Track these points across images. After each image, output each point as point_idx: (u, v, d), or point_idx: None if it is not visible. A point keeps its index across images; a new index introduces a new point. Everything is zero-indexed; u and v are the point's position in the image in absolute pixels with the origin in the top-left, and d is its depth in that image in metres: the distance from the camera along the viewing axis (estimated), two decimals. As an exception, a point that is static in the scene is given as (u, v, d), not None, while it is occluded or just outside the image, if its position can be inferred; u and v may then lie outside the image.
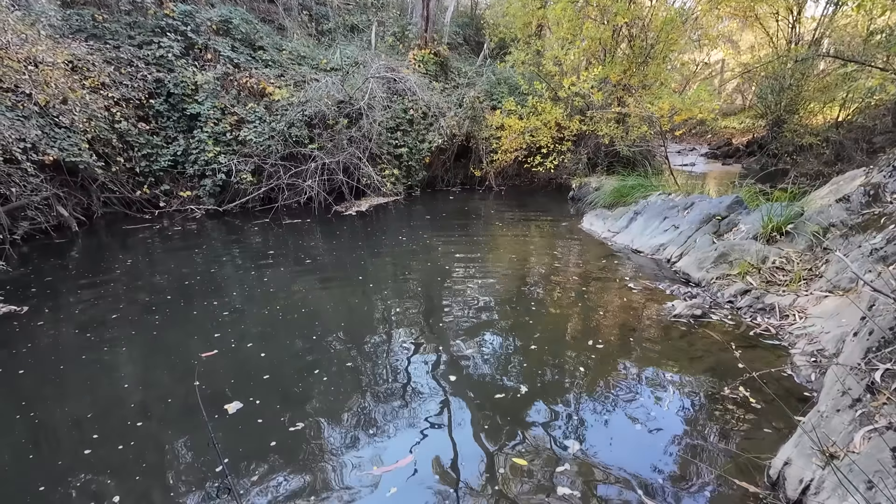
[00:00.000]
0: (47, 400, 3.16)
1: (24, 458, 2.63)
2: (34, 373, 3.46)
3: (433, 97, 10.48)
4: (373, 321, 4.45)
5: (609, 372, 3.49)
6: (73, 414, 3.00)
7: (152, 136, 8.46)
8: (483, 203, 10.29)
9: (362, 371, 3.55)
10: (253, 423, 2.89)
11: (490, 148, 11.08)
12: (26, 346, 3.84)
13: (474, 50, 15.20)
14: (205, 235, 7.52)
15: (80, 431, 2.81)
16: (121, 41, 8.20)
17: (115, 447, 2.67)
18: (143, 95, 8.16)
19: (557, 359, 3.70)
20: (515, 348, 3.90)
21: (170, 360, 3.72)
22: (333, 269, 6.09)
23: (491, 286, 5.30)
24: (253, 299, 4.90)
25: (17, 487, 2.40)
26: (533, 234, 7.68)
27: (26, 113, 6.34)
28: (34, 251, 6.34)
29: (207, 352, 3.69)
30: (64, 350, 3.82)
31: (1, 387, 3.28)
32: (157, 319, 4.40)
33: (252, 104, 8.89)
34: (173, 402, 3.13)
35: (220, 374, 3.41)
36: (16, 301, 4.65)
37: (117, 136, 7.87)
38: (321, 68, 10.27)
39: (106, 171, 7.72)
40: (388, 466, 2.56)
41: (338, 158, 9.02)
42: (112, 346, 3.92)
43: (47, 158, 6.42)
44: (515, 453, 2.68)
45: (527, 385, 3.33)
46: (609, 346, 3.85)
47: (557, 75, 10.51)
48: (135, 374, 3.54)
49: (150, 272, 5.78)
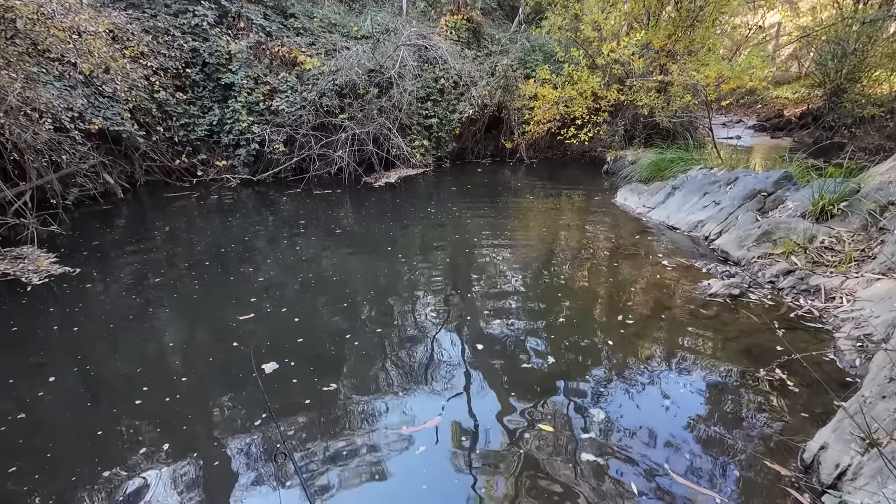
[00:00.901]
0: (100, 355, 3.39)
1: (83, 405, 2.86)
2: (87, 330, 3.71)
3: (465, 65, 10.20)
4: (401, 290, 4.51)
5: (638, 348, 3.44)
6: (124, 368, 3.22)
7: (189, 105, 8.64)
8: (513, 176, 10.11)
9: (390, 337, 3.63)
10: (288, 382, 3.03)
11: (522, 119, 10.77)
12: (78, 305, 4.11)
13: (508, 15, 14.60)
14: (240, 204, 7.74)
15: (130, 384, 3.01)
16: (157, 9, 8.30)
17: (163, 399, 2.86)
18: (180, 65, 8.30)
19: (585, 332, 3.68)
20: (543, 321, 3.89)
21: (209, 322, 3.91)
22: (363, 239, 6.17)
23: (519, 259, 5.26)
24: (286, 266, 5.05)
25: (78, 431, 2.62)
26: (564, 208, 7.52)
27: (72, 83, 6.57)
28: (84, 216, 6.70)
29: (244, 315, 3.86)
30: (112, 310, 4.07)
31: (59, 342, 3.54)
32: (197, 284, 4.60)
33: (284, 73, 8.91)
34: (214, 361, 3.30)
35: (257, 336, 3.56)
36: (69, 262, 4.95)
37: (157, 105, 8.08)
38: (352, 36, 10.14)
39: (147, 141, 7.98)
40: (417, 427, 2.64)
41: (368, 129, 8.99)
42: (156, 307, 4.14)
43: (93, 127, 6.68)
44: (541, 420, 2.71)
45: (553, 357, 3.33)
46: (639, 323, 3.78)
47: (596, 41, 10.00)
48: (178, 334, 3.75)
49: (188, 239, 6.02)
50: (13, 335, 3.61)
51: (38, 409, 2.78)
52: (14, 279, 4.51)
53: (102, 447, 2.50)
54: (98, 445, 2.51)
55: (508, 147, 11.20)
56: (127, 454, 2.45)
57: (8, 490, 2.22)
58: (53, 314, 3.93)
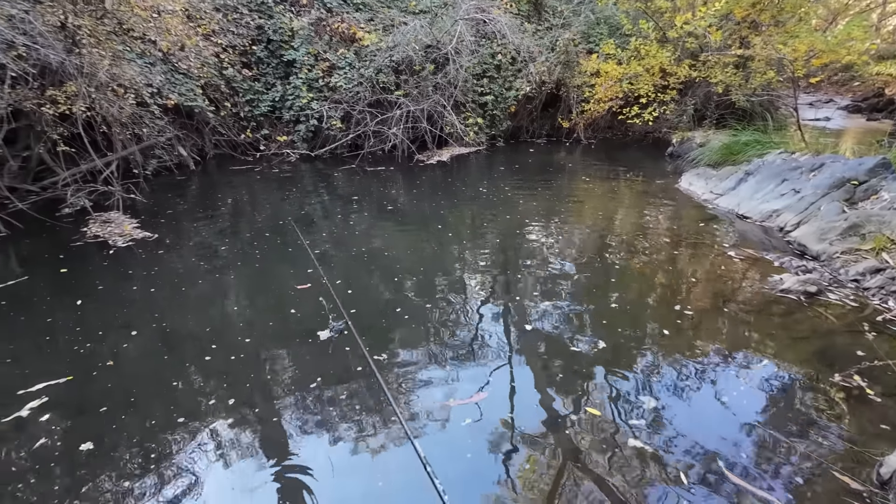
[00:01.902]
0: (174, 314, 3.70)
1: (161, 358, 3.15)
2: (163, 291, 4.06)
3: (524, 40, 9.84)
4: (450, 268, 4.54)
5: (696, 340, 3.28)
6: (194, 327, 3.50)
7: (254, 82, 8.99)
8: (570, 156, 9.75)
9: (438, 313, 3.69)
10: (341, 349, 3.17)
11: (581, 97, 10.30)
12: (154, 268, 4.48)
13: (573, -14, 13.84)
14: (297, 178, 8.04)
15: (201, 342, 3.28)
16: (227, -12, 8.61)
17: (229, 357, 3.09)
18: (247, 42, 8.62)
19: (639, 320, 3.54)
20: (593, 305, 3.79)
21: (269, 289, 4.14)
22: (414, 216, 6.24)
23: (571, 242, 5.12)
24: (339, 240, 5.22)
25: (157, 381, 2.90)
26: (622, 192, 7.18)
27: (152, 60, 7.03)
28: (161, 186, 7.24)
29: (302, 284, 4.05)
30: (184, 273, 4.41)
31: (140, 301, 3.90)
32: (258, 252, 4.87)
33: (343, 50, 9.02)
34: (273, 325, 3.51)
35: (313, 305, 3.73)
36: (148, 228, 5.40)
37: (225, 81, 8.48)
38: (410, 11, 10.04)
39: (216, 115, 8.42)
40: (463, 400, 2.69)
41: (422, 106, 8.97)
42: (222, 273, 4.44)
43: (169, 102, 7.14)
44: (588, 402, 2.68)
45: (604, 342, 3.25)
46: (699, 315, 3.58)
47: (669, 12, 9.28)
48: (242, 299, 4.01)
49: (251, 210, 6.36)
50: (100, 292, 4.01)
51: (123, 359, 3.10)
52: (102, 241, 4.98)
53: (177, 397, 2.75)
54: (174, 395, 2.77)
55: (565, 126, 10.78)
56: (197, 405, 2.69)
57: (101, 428, 2.50)
58: (133, 275, 4.32)
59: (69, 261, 4.53)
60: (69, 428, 2.49)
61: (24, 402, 2.63)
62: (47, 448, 2.35)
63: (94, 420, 2.55)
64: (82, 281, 4.18)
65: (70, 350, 3.16)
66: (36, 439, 2.40)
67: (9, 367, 3.00)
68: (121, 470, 2.26)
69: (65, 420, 2.54)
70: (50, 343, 3.25)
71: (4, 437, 2.42)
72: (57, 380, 2.83)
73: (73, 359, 3.06)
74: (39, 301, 3.81)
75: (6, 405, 2.62)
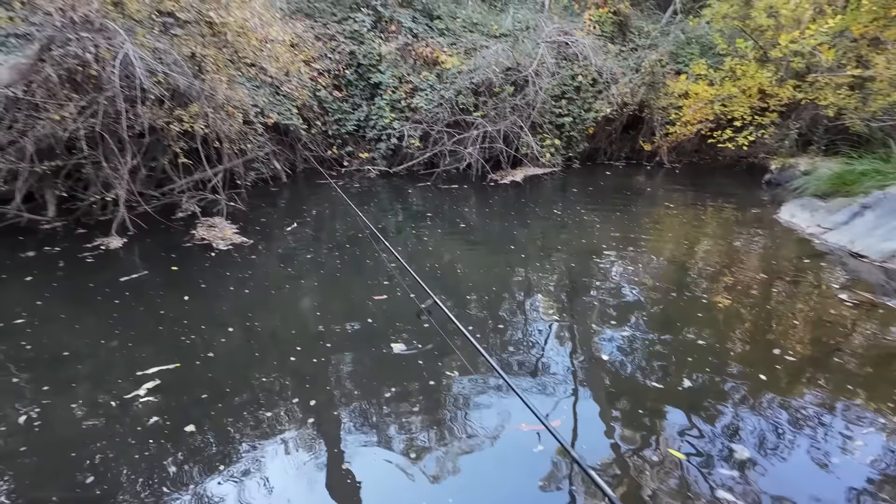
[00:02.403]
0: (264, 315, 4.03)
1: (252, 355, 3.44)
2: (255, 293, 4.43)
3: (606, 61, 9.66)
4: (520, 289, 4.51)
5: (797, 389, 2.95)
6: (281, 329, 3.79)
7: (343, 102, 9.67)
8: (651, 180, 9.32)
9: (507, 333, 3.67)
10: (414, 363, 3.25)
11: (666, 119, 9.82)
12: (248, 271, 4.90)
13: (661, 5, 13.39)
14: (375, 193, 8.45)
15: (286, 343, 3.54)
16: (327, 19, 9.42)
17: (311, 360, 3.30)
18: (341, 67, 9.32)
19: (728, 360, 3.26)
20: (674, 340, 3.56)
21: (348, 298, 4.37)
22: (484, 235, 6.28)
23: (649, 270, 4.87)
24: (412, 255, 5.39)
25: (248, 376, 3.16)
26: (709, 220, 6.71)
27: (258, 83, 7.83)
28: (257, 196, 7.96)
29: (378, 295, 4.23)
30: (272, 278, 4.79)
31: (235, 301, 4.29)
32: (338, 262, 5.17)
33: (425, 73, 9.43)
34: (352, 333, 3.69)
35: (388, 316, 3.88)
36: (245, 234, 5.94)
37: (318, 102, 9.21)
38: (491, 34, 10.29)
39: (307, 133, 9.15)
40: (536, 426, 2.64)
41: (499, 127, 9.07)
42: (306, 279, 4.77)
43: (269, 121, 7.89)
44: (667, 443, 2.50)
45: (687, 380, 3.03)
46: (801, 362, 3.23)
47: (771, 30, 8.63)
48: (323, 305, 4.27)
49: (332, 222, 6.79)
50: (202, 290, 4.46)
51: (221, 352, 3.42)
52: (207, 243, 5.57)
53: (264, 393, 2.98)
54: (262, 391, 3.00)
55: (647, 149, 10.33)
56: (282, 403, 2.89)
57: (199, 414, 2.78)
58: (230, 277, 4.76)
59: (179, 260, 5.11)
60: (175, 410, 2.79)
61: (141, 383, 3.00)
62: (159, 426, 2.64)
63: (195, 405, 2.84)
64: (189, 279, 4.69)
65: (178, 340, 3.55)
66: (150, 417, 2.71)
67: (129, 351, 3.44)
68: (213, 452, 2.48)
69: (172, 402, 2.85)
70: (161, 332, 3.68)
71: (126, 412, 2.77)
72: (167, 366, 3.19)
73: (179, 348, 3.44)
74: (154, 294, 4.34)
75: (128, 383, 3.00)
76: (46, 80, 4.78)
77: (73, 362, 3.26)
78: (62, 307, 4.02)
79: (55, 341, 3.49)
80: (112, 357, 3.35)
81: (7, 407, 2.78)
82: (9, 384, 3.01)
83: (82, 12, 4.41)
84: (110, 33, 4.61)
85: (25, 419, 2.68)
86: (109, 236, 5.41)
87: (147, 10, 4.98)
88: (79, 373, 3.16)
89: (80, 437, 2.57)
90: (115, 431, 2.61)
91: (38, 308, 3.95)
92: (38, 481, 2.32)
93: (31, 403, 2.80)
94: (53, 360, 3.26)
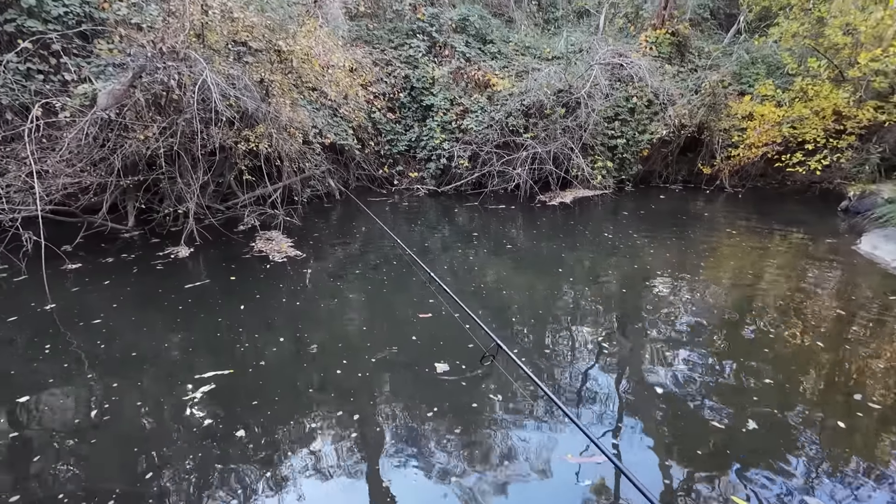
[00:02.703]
0: (313, 327, 4.16)
1: (298, 365, 3.54)
2: (305, 305, 4.59)
3: (663, 83, 9.40)
4: (569, 314, 4.37)
5: (883, 441, 2.63)
6: (329, 342, 3.88)
7: (395, 124, 10.01)
8: (710, 205, 8.85)
9: (554, 360, 3.55)
10: (457, 384, 3.22)
11: (728, 141, 9.37)
12: (300, 284, 5.10)
13: (723, 25, 12.94)
14: (423, 212, 8.59)
15: (333, 356, 3.62)
16: (384, 45, 9.87)
17: (356, 374, 3.35)
18: (395, 90, 9.69)
19: (799, 403, 2.98)
20: (734, 377, 3.29)
21: (394, 314, 4.42)
22: (532, 256, 6.19)
23: (706, 300, 4.58)
24: (458, 274, 5.39)
25: (296, 386, 3.26)
26: (776, 249, 6.25)
27: (318, 106, 8.29)
28: (311, 212, 8.34)
29: (423, 314, 4.25)
30: (322, 291, 4.94)
31: (287, 312, 4.46)
32: (385, 279, 5.26)
33: (476, 95, 9.60)
34: (397, 351, 3.72)
35: (432, 335, 3.88)
36: (299, 248, 6.21)
37: (372, 123, 9.59)
38: (543, 57, 10.34)
39: (361, 153, 9.52)
40: (583, 458, 2.52)
41: (549, 148, 9.02)
42: (353, 294, 4.88)
43: (326, 141, 8.29)
44: (731, 490, 2.30)
45: (752, 421, 2.78)
46: (887, 410, 2.88)
47: (848, 48, 8.09)
48: (369, 320, 4.34)
49: (380, 239, 6.94)
50: (257, 300, 4.68)
51: (272, 361, 3.55)
52: (264, 255, 5.86)
53: (311, 404, 3.06)
54: (309, 401, 3.08)
55: (706, 173, 9.86)
56: (328, 416, 2.95)
57: (249, 419, 2.88)
58: (283, 288, 4.96)
59: (238, 270, 5.40)
60: (228, 414, 2.91)
61: (199, 386, 3.16)
62: (212, 429, 2.77)
63: (246, 411, 2.95)
64: (246, 288, 4.94)
65: (233, 347, 3.73)
66: (204, 419, 2.85)
67: (189, 354, 3.65)
68: (260, 458, 2.56)
69: (225, 407, 2.98)
70: (219, 338, 3.88)
71: (183, 413, 2.93)
72: (222, 371, 3.35)
73: (234, 355, 3.61)
74: (213, 302, 4.60)
75: (187, 385, 3.17)
76: (135, 103, 5.32)
77: (140, 362, 3.50)
78: (133, 310, 4.35)
79: (126, 342, 3.77)
80: (174, 359, 3.57)
81: (82, 402, 3.03)
82: (85, 380, 3.27)
83: (170, 44, 4.89)
84: (192, 62, 5.07)
85: (96, 413, 2.90)
86: (179, 246, 5.84)
87: (224, 40, 5.44)
88: (144, 373, 3.39)
89: (141, 434, 2.74)
90: (173, 431, 2.76)
91: (113, 310, 4.30)
92: (103, 474, 2.49)
93: (102, 399, 3.03)
94: (123, 360, 3.52)
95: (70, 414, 2.92)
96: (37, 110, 4.92)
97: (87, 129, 5.10)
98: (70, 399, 3.08)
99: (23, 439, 2.71)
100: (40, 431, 2.79)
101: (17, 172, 5.04)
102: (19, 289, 4.71)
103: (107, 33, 5.90)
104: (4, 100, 5.63)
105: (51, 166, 5.16)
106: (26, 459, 2.55)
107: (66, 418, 2.88)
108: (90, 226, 5.89)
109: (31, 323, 4.05)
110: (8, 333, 3.91)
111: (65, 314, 4.20)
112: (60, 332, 3.90)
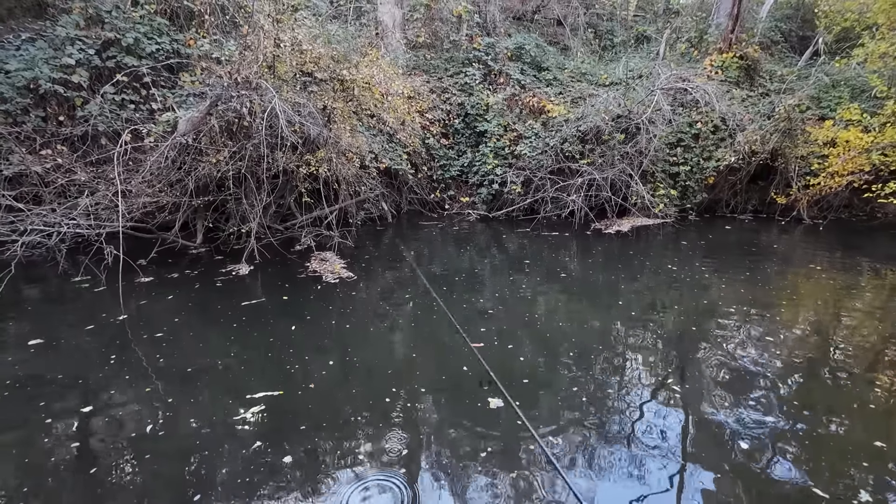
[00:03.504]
0: (363, 351, 4.11)
1: (347, 390, 3.48)
2: (354, 328, 4.57)
3: (731, 108, 8.91)
4: (621, 347, 4.08)
5: None
6: (379, 367, 3.81)
7: (449, 149, 10.13)
8: (786, 238, 8.13)
9: (612, 398, 3.26)
10: (511, 422, 3.02)
11: (807, 169, 8.65)
12: (350, 306, 5.10)
13: (796, 48, 12.21)
14: (474, 237, 8.50)
15: (382, 382, 3.53)
16: (441, 73, 10.12)
17: (406, 403, 3.23)
18: (450, 116, 9.85)
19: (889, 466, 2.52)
20: (808, 428, 2.87)
21: (444, 341, 4.29)
22: (586, 286, 5.89)
23: (778, 343, 4.09)
24: (508, 302, 5.20)
25: (345, 412, 3.19)
26: (867, 288, 5.56)
27: (375, 132, 8.56)
28: (364, 234, 8.50)
29: (475, 343, 4.10)
30: (371, 314, 4.92)
31: (335, 335, 4.46)
32: (434, 304, 5.16)
33: (531, 121, 9.54)
34: (447, 380, 3.58)
35: (485, 366, 3.71)
36: (351, 269, 6.29)
37: (426, 149, 9.75)
38: (600, 84, 10.16)
39: (414, 177, 9.68)
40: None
41: (606, 174, 8.72)
42: (403, 317, 4.83)
43: (381, 165, 8.50)
44: None
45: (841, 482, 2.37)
46: None
47: (950, 68, 7.30)
48: (419, 346, 4.25)
49: (430, 263, 6.90)
50: (307, 321, 4.72)
51: (321, 384, 3.52)
52: (318, 276, 5.98)
53: (360, 432, 2.96)
54: (358, 430, 2.99)
55: (781, 202, 9.12)
56: (375, 445, 2.84)
57: (299, 445, 2.83)
58: (333, 310, 4.99)
59: (292, 290, 5.52)
60: (276, 437, 2.88)
61: (249, 406, 3.17)
62: (260, 451, 2.74)
63: (294, 435, 2.90)
64: (298, 309, 5.01)
65: (283, 367, 3.74)
66: (254, 441, 2.83)
67: (241, 373, 3.70)
68: (306, 484, 2.48)
69: (274, 431, 2.96)
70: (270, 358, 3.92)
71: (234, 432, 2.93)
72: (272, 392, 3.35)
73: (284, 376, 3.61)
74: (266, 321, 4.68)
75: (238, 404, 3.19)
76: (210, 129, 5.70)
77: (195, 378, 3.59)
78: (193, 326, 4.53)
79: (183, 357, 3.89)
80: (227, 377, 3.63)
81: (139, 415, 3.12)
82: (143, 394, 3.38)
83: (244, 74, 5.23)
84: (262, 91, 5.39)
85: (151, 428, 2.97)
86: (240, 263, 6.10)
87: (293, 70, 5.76)
88: (198, 390, 3.45)
89: (192, 451, 2.75)
90: (224, 453, 2.75)
91: (175, 325, 4.49)
92: (153, 489, 2.51)
93: (158, 414, 3.11)
94: (181, 375, 3.62)
95: (128, 427, 3.00)
96: (126, 136, 5.39)
97: (167, 152, 5.52)
98: (129, 412, 3.18)
99: (82, 450, 2.80)
100: (99, 443, 2.88)
101: (105, 192, 5.52)
102: (97, 299, 5.06)
103: (190, 66, 6.44)
104: (101, 126, 6.25)
105: (134, 186, 5.60)
106: (84, 472, 2.63)
107: (125, 431, 2.96)
108: (163, 242, 6.30)
109: (105, 332, 4.31)
110: (84, 342, 4.17)
111: (133, 325, 4.44)
112: (127, 343, 4.11)
